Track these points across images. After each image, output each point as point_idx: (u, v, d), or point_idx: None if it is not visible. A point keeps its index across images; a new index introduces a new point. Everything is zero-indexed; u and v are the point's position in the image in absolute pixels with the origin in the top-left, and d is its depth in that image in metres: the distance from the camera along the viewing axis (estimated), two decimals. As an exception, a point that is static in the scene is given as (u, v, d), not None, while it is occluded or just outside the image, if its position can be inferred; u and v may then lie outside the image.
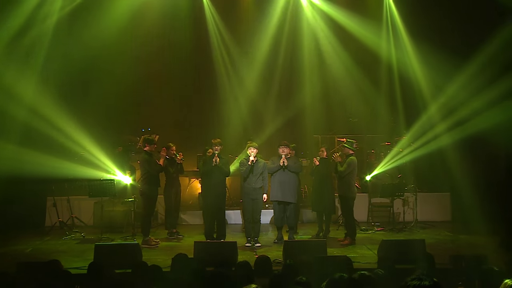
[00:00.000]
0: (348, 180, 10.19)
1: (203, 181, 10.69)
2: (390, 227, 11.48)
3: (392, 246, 8.43)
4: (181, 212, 11.84)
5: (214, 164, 9.92)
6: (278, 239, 10.24)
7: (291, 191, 10.12)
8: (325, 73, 13.85)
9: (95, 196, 10.81)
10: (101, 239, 10.21)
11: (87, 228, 11.57)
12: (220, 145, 10.06)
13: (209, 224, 10.26)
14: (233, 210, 12.44)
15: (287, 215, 10.21)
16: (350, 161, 10.20)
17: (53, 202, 11.54)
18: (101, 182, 10.76)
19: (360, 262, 8.45)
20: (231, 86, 14.07)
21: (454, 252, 8.57)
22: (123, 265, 7.23)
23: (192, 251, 8.24)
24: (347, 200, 10.25)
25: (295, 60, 14.04)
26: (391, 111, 13.59)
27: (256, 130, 13.25)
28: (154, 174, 10.16)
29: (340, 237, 10.52)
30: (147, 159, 10.13)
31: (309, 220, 12.29)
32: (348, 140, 10.67)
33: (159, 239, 10.46)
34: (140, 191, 10.36)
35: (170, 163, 10.64)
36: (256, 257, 7.08)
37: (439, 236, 10.87)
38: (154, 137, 11.41)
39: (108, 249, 8.33)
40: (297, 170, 10.29)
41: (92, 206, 11.79)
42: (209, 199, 10.22)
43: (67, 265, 7.56)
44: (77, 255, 9.20)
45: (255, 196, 10.03)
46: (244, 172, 10.03)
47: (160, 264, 6.16)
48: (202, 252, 8.17)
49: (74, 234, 10.95)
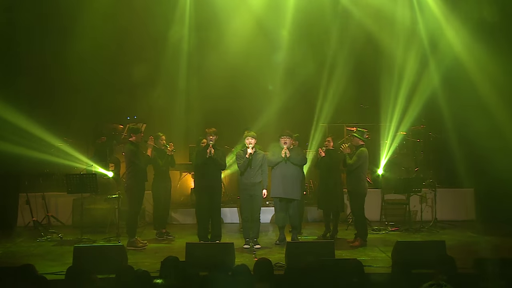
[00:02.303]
0: (358, 174, 10.18)
1: (196, 175, 10.68)
2: (406, 227, 11.49)
3: (408, 248, 8.42)
4: (171, 210, 11.84)
5: (208, 155, 9.91)
6: (280, 240, 10.25)
7: (294, 186, 10.11)
8: (335, 51, 13.83)
9: (74, 192, 10.78)
10: (81, 241, 10.20)
11: (65, 228, 11.57)
12: (215, 135, 10.03)
13: (202, 224, 10.26)
14: (229, 207, 12.46)
15: (290, 214, 10.21)
16: (360, 153, 10.19)
17: (26, 199, 11.53)
18: (81, 176, 10.75)
19: (372, 266, 8.46)
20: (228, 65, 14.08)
21: (478, 256, 8.54)
22: (106, 269, 7.19)
23: (184, 253, 8.23)
24: (357, 197, 10.25)
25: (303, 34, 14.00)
26: (408, 96, 13.53)
27: (254, 118, 13.24)
28: (141, 167, 10.14)
29: (350, 238, 10.54)
30: (132, 150, 10.11)
31: (315, 219, 12.32)
32: (359, 129, 10.66)
33: (146, 240, 10.46)
34: (125, 186, 10.34)
35: (159, 155, 10.62)
36: (256, 260, 7.07)
37: (461, 238, 10.88)
38: (140, 126, 11.41)
39: (89, 252, 8.31)
40: (301, 163, 10.28)
41: (71, 203, 11.80)
42: (203, 195, 10.21)
43: (42, 270, 7.59)
44: (53, 259, 9.17)
45: (254, 192, 10.03)
46: (241, 165, 10.02)
47: (147, 269, 6.17)
48: (195, 255, 8.16)
49: (50, 235, 10.93)
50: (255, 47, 13.67)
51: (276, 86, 14.07)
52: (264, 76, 14.00)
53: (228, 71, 13.39)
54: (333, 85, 13.69)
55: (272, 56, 13.99)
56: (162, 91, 14.00)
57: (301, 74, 13.68)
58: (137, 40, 13.83)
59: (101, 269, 7.18)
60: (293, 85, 13.82)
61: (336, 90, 13.63)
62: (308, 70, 13.58)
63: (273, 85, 14.13)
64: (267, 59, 13.89)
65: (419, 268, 6.86)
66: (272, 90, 14.10)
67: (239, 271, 5.88)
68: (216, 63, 13.32)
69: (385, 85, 13.33)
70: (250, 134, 10.08)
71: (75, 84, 13.14)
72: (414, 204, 11.94)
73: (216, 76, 13.56)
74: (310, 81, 13.72)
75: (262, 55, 13.77)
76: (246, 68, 13.44)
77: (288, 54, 13.90)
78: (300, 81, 13.72)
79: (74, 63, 12.51)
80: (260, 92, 14.02)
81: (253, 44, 13.65)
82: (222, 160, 10.13)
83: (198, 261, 7.75)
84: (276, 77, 14.07)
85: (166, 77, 14.20)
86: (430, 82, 12.85)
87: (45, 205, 11.76)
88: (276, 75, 14.03)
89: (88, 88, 13.21)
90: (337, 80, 13.74)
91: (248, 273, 5.86)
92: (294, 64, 13.84)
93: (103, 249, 8.66)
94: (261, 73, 13.83)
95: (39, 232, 10.98)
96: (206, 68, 13.84)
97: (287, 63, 13.93)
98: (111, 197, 11.07)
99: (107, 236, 10.73)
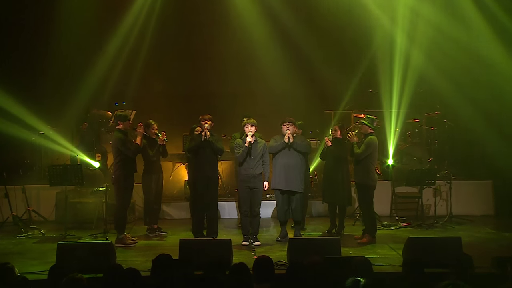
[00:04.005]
0: (367, 164, 10.17)
1: (190, 163, 10.68)
2: (418, 222, 11.50)
3: (420, 245, 8.45)
4: (163, 204, 11.88)
5: (203, 139, 9.88)
6: (282, 237, 10.27)
7: (297, 177, 10.11)
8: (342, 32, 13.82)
9: (57, 185, 10.80)
10: (65, 237, 10.23)
11: (48, 223, 11.59)
12: (211, 121, 10.03)
13: (197, 219, 10.28)
14: (227, 201, 12.47)
15: (293, 207, 10.22)
16: (369, 142, 10.18)
17: (5, 193, 11.52)
18: (65, 167, 10.75)
19: (381, 265, 8.49)
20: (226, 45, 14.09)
21: (497, 254, 8.58)
22: (93, 268, 7.25)
23: (177, 251, 8.26)
24: (366, 189, 10.25)
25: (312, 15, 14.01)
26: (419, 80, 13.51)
27: (254, 104, 13.23)
28: (130, 157, 10.13)
29: (357, 234, 10.56)
30: (120, 139, 10.09)
31: (320, 214, 12.34)
32: (368, 116, 10.63)
33: (136, 236, 10.47)
34: (113, 178, 10.33)
35: (150, 144, 10.62)
36: (255, 258, 7.09)
37: (479, 234, 10.89)
38: (129, 113, 11.38)
39: (74, 250, 8.31)
40: (305, 150, 10.25)
41: (54, 196, 11.80)
42: (198, 187, 10.22)
43: (23, 270, 7.59)
44: (35, 257, 9.19)
45: (254, 184, 10.02)
46: (239, 155, 10.00)
47: (138, 267, 6.17)
48: (190, 253, 8.18)
49: (31, 232, 10.94)
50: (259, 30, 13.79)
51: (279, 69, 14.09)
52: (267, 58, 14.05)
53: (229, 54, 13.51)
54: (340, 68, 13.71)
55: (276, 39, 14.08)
56: (156, 75, 14.05)
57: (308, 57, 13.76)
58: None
59: (87, 268, 7.19)
60: (298, 68, 13.84)
61: (343, 74, 13.66)
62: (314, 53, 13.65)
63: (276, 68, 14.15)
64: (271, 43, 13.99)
65: (432, 268, 6.89)
66: (275, 74, 14.11)
67: (237, 270, 5.89)
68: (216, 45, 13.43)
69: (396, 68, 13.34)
70: (250, 121, 10.04)
71: (61, 63, 13.11)
72: (427, 197, 11.95)
73: (215, 59, 13.66)
74: (316, 64, 13.75)
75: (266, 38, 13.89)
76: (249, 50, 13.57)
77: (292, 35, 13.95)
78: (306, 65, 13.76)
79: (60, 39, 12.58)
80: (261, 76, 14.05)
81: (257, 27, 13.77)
82: (219, 144, 10.09)
83: (193, 259, 7.72)
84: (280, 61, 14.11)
85: (160, 60, 14.23)
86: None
87: (25, 198, 11.73)
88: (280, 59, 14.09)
89: (75, 68, 13.19)
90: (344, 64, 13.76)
91: (247, 272, 5.87)
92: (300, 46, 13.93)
93: (89, 247, 8.64)
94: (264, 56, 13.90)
95: (19, 228, 10.98)
96: (202, 51, 13.90)
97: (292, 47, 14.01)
98: (97, 190, 11.07)
99: (93, 233, 10.71)
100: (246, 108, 12.35)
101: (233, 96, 14.03)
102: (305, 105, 13.69)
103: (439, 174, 11.76)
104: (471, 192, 12.60)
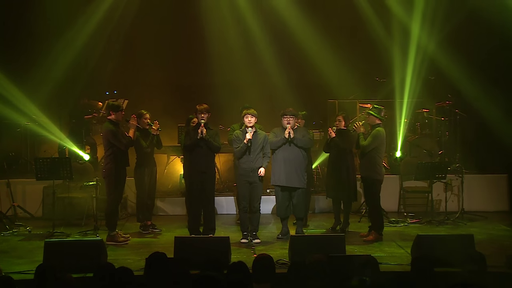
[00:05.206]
0: (373, 157, 10.17)
1: (185, 158, 10.68)
2: (428, 218, 11.52)
3: (430, 243, 8.47)
4: (157, 199, 11.87)
5: (199, 136, 9.89)
6: (283, 234, 10.29)
7: (298, 172, 10.10)
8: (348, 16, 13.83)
9: (44, 179, 10.80)
10: (53, 235, 10.21)
11: (35, 220, 11.60)
12: (208, 113, 10.01)
13: (194, 215, 10.28)
14: (225, 196, 12.50)
15: (294, 203, 10.22)
16: (376, 133, 10.17)
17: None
18: (53, 160, 10.75)
19: (388, 264, 8.51)
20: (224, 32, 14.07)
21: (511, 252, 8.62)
22: (83, 267, 7.26)
23: (172, 249, 8.29)
24: (372, 184, 10.25)
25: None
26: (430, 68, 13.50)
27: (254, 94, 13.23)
28: (122, 149, 10.12)
29: (363, 231, 10.57)
30: (112, 130, 10.08)
31: (323, 210, 12.37)
32: (375, 106, 10.61)
33: (129, 234, 10.48)
34: (104, 171, 10.32)
35: (142, 135, 10.61)
36: (255, 256, 7.10)
37: (493, 231, 10.91)
38: (121, 103, 11.37)
39: (62, 248, 8.35)
40: (306, 145, 10.25)
41: (41, 191, 11.81)
42: (193, 182, 10.22)
43: (7, 269, 7.63)
44: (21, 256, 9.19)
45: (254, 178, 10.02)
46: (237, 151, 9.99)
47: (130, 266, 6.18)
48: (185, 251, 8.21)
49: (16, 229, 10.95)
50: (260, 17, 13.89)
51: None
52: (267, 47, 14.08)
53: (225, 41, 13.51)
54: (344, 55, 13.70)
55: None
56: (150, 63, 14.05)
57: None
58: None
59: (76, 267, 7.23)
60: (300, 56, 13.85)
61: (347, 62, 13.66)
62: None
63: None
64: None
65: (443, 266, 6.91)
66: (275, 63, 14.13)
67: (235, 269, 5.90)
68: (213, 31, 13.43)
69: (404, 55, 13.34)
70: (250, 111, 10.00)
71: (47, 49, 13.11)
72: (438, 192, 11.97)
73: (212, 46, 13.67)
74: (318, 52, 13.75)
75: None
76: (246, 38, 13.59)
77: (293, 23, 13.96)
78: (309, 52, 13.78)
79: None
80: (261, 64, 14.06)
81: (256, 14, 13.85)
82: (216, 140, 10.10)
83: (189, 258, 7.75)
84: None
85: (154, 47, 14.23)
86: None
87: (10, 193, 11.74)
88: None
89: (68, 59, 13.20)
90: (348, 50, 13.75)
91: (246, 272, 5.88)
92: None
93: (79, 245, 8.71)
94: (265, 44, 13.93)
95: (4, 225, 10.98)
96: (198, 37, 13.90)
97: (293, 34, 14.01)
98: (87, 184, 11.08)
99: (83, 230, 10.74)
100: (245, 98, 12.37)
101: (231, 85, 14.01)
102: (307, 94, 13.70)
103: (450, 168, 11.76)
104: (484, 186, 12.62)
